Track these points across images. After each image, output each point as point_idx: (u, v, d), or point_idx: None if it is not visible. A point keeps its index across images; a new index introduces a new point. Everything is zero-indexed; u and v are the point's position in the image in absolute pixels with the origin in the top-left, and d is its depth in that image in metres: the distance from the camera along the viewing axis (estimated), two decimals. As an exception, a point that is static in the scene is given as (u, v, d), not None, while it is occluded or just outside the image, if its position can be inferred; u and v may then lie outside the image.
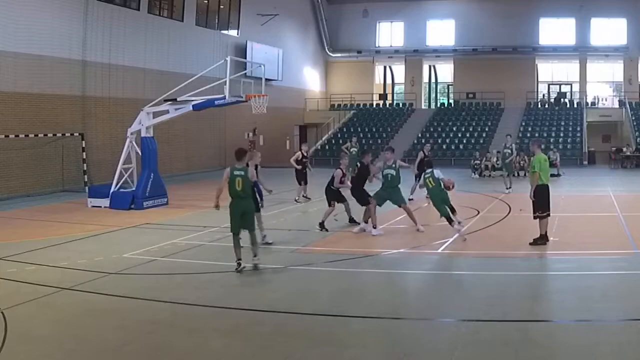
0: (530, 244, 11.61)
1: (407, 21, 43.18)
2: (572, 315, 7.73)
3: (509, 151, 21.54)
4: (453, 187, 13.09)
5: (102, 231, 14.15)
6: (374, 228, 13.29)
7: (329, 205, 14.23)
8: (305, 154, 19.44)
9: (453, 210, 12.80)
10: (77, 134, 23.34)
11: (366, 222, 13.61)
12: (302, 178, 19.05)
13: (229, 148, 33.45)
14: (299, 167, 18.98)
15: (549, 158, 12.74)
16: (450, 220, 12.49)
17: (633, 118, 35.43)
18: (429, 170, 13.12)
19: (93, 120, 24.37)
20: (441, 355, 6.52)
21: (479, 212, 15.99)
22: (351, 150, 24.12)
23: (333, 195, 14.23)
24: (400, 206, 13.89)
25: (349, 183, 14.25)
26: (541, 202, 11.62)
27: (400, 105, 43.26)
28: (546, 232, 11.72)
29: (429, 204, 17.60)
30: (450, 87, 44.33)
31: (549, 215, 11.72)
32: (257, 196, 11.31)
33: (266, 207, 17.60)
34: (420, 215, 16.43)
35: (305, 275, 9.95)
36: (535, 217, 11.73)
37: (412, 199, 18.04)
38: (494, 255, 11.20)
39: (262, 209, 12.77)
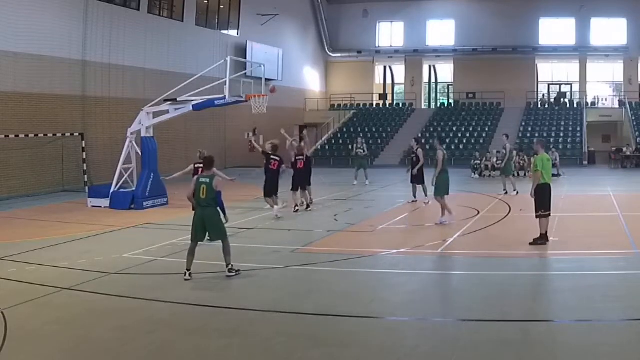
0: (530, 243, 11.61)
1: (407, 21, 43.20)
2: (572, 315, 7.72)
3: (504, 151, 21.00)
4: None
5: (102, 231, 14.14)
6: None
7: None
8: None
9: None
10: (77, 134, 23.35)
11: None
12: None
13: (229, 148, 33.49)
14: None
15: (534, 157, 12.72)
16: None
17: (633, 118, 35.45)
18: None
19: (93, 120, 24.37)
20: (441, 355, 6.52)
21: (479, 212, 15.98)
22: (357, 151, 24.06)
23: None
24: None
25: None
26: (542, 201, 11.62)
27: (400, 105, 43.29)
28: (546, 232, 11.72)
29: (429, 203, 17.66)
30: (450, 87, 44.34)
31: (549, 215, 11.72)
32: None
33: (267, 206, 17.63)
34: (418, 216, 16.45)
35: (305, 275, 9.95)
36: (537, 217, 11.73)
37: (415, 201, 18.02)
38: (494, 255, 11.19)
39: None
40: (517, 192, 19.26)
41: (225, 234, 9.79)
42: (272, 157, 16.15)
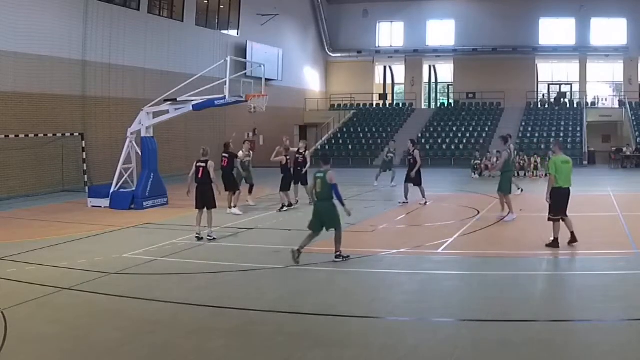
0: (547, 245, 11.36)
1: (407, 21, 43.20)
2: (572, 315, 7.73)
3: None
4: None
5: (102, 231, 14.14)
6: None
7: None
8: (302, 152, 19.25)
9: None
10: (77, 134, 23.34)
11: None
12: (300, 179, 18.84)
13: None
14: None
15: (548, 159, 12.54)
16: None
17: (633, 118, 35.44)
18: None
19: (93, 120, 24.36)
20: (441, 355, 6.52)
21: (479, 212, 15.98)
22: (388, 155, 24.04)
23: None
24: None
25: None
26: (554, 205, 11.25)
27: (400, 105, 43.28)
28: (557, 239, 11.34)
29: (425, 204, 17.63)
30: (450, 87, 44.34)
31: (558, 220, 11.35)
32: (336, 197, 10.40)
33: (267, 206, 17.66)
34: (418, 216, 16.45)
35: (305, 275, 9.95)
36: (548, 219, 11.42)
37: (407, 202, 17.79)
38: (494, 255, 11.19)
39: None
40: (522, 190, 19.26)
41: (339, 224, 10.41)
42: (222, 154, 16.79)
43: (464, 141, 36.11)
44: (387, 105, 43.82)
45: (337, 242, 10.42)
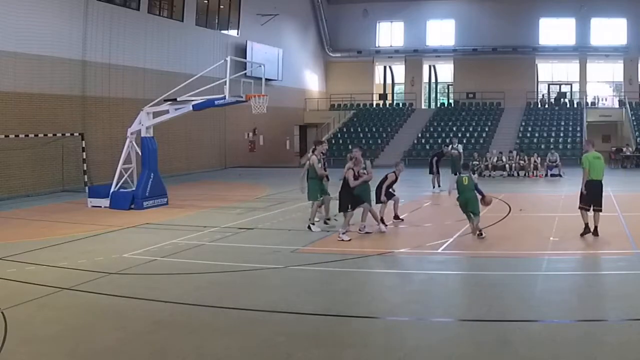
0: (581, 235, 12.08)
1: (407, 21, 43.23)
2: (572, 315, 7.72)
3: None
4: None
5: (102, 231, 14.14)
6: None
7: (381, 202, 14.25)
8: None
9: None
10: (77, 134, 23.34)
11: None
12: None
13: (229, 148, 33.50)
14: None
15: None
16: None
17: (633, 118, 35.45)
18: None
19: (93, 120, 24.38)
20: (441, 355, 6.52)
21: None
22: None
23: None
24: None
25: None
26: (586, 196, 12.13)
27: (400, 105, 43.30)
28: (587, 224, 12.08)
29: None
30: (450, 87, 44.36)
31: (587, 210, 12.14)
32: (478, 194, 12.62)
33: (267, 206, 17.63)
34: (418, 216, 16.44)
35: (305, 275, 9.95)
36: (579, 208, 12.29)
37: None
38: (494, 255, 11.19)
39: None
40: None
41: (479, 211, 12.55)
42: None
43: (464, 141, 36.04)
44: (387, 105, 43.84)
45: (477, 223, 12.43)
